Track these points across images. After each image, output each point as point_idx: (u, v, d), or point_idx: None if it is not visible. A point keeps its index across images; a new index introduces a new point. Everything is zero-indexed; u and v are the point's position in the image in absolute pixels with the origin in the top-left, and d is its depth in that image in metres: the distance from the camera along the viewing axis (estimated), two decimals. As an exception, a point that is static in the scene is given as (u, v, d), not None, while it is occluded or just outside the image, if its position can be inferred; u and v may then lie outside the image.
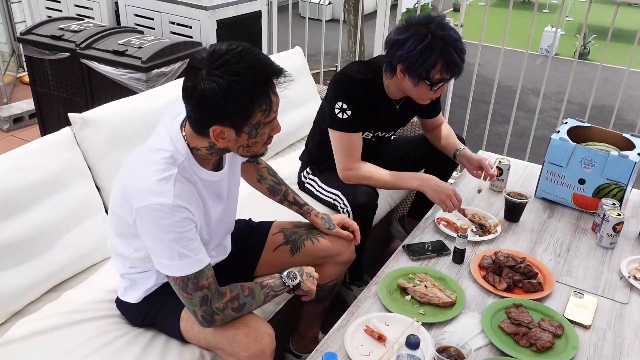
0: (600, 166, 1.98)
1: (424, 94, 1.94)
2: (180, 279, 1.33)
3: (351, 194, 2.03)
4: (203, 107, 1.26)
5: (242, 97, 1.23)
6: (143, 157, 1.38)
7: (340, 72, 2.04)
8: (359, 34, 4.04)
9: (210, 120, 1.28)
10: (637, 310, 1.61)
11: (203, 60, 1.25)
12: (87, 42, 2.97)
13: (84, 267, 1.81)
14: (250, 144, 1.35)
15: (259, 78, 1.25)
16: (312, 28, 3.71)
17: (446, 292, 1.60)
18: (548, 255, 1.84)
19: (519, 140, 4.97)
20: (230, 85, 1.22)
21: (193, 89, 1.25)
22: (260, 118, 1.29)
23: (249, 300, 1.41)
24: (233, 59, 1.23)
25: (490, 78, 3.01)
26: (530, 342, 1.44)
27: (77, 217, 1.78)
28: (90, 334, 1.54)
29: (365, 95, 1.99)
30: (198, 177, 1.40)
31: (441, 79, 1.87)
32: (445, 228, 1.94)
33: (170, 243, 1.30)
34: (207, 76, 1.23)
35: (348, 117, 1.97)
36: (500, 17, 9.36)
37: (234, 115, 1.26)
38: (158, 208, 1.28)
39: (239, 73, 1.23)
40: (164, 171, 1.31)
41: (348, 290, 2.30)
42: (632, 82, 6.58)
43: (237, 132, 1.30)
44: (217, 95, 1.22)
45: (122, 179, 1.40)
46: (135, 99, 2.13)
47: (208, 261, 1.37)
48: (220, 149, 1.38)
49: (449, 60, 1.82)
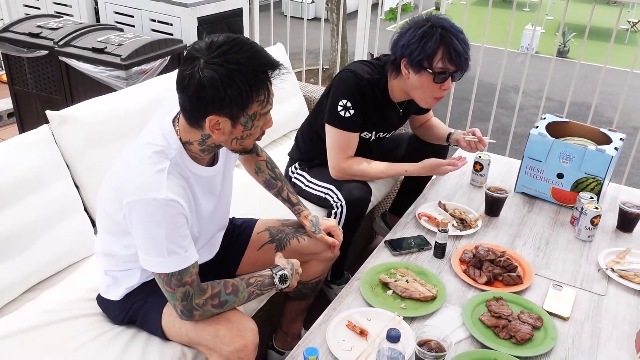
0: (578, 161, 2.01)
1: (428, 89, 1.91)
2: (164, 274, 1.33)
3: (346, 188, 2.03)
4: (201, 96, 1.25)
5: (242, 85, 1.23)
6: (134, 152, 1.37)
7: (348, 69, 2.01)
8: (341, 32, 4.05)
9: (208, 110, 1.27)
10: (614, 301, 1.63)
11: (201, 50, 1.25)
12: (65, 40, 2.93)
13: (63, 266, 1.79)
14: (244, 136, 1.34)
15: (258, 68, 1.25)
16: (294, 26, 3.71)
17: (427, 287, 1.61)
18: (527, 248, 1.86)
19: (501, 137, 5.02)
20: (231, 74, 1.22)
21: (191, 78, 1.24)
22: (257, 109, 1.29)
23: (231, 297, 1.41)
24: (232, 49, 1.24)
25: (472, 76, 3.03)
26: (510, 335, 1.46)
27: (56, 216, 1.76)
28: (70, 332, 1.53)
29: (371, 95, 1.99)
30: (191, 172, 1.39)
31: (444, 69, 1.85)
32: (427, 223, 1.95)
33: (161, 239, 1.29)
34: (206, 65, 1.23)
35: (350, 116, 1.96)
36: (481, 15, 9.46)
37: (232, 104, 1.25)
38: (150, 202, 1.27)
39: (239, 62, 1.23)
40: (156, 164, 1.30)
41: (329, 288, 2.30)
42: (611, 80, 6.69)
43: (233, 123, 1.29)
44: (216, 84, 1.22)
45: (112, 175, 1.38)
46: (115, 97, 2.11)
47: (196, 258, 1.36)
48: (212, 145, 1.37)
49: (450, 46, 1.81)
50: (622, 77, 7.24)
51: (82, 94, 2.90)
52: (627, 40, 10.50)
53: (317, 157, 2.15)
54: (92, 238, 1.82)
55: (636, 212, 1.92)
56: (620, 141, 2.08)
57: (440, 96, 1.95)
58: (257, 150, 1.82)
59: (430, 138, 2.29)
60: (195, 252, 1.37)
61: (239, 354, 1.38)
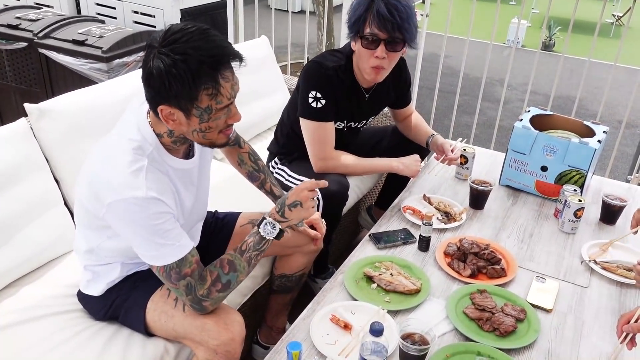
0: (562, 153, 2.01)
1: (364, 58, 1.90)
2: (162, 268, 1.31)
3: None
4: (151, 86, 1.24)
5: (184, 77, 1.19)
6: (110, 147, 1.34)
7: (313, 60, 2.01)
8: (325, 25, 4.02)
9: (157, 100, 1.25)
10: (597, 293, 1.64)
11: (157, 39, 1.23)
12: (45, 32, 2.89)
13: (43, 262, 1.76)
14: (203, 129, 1.30)
15: (205, 60, 1.21)
16: (279, 19, 3.68)
17: (411, 280, 1.61)
18: (511, 241, 1.86)
19: (487, 131, 5.04)
20: (175, 64, 1.19)
21: (145, 66, 1.23)
22: (210, 102, 1.25)
23: (232, 275, 1.38)
24: (183, 38, 1.21)
25: (459, 69, 3.03)
26: (494, 327, 1.46)
27: (35, 211, 1.73)
28: (50, 329, 1.51)
29: (338, 83, 1.98)
30: (169, 166, 1.37)
31: (372, 34, 1.84)
32: (411, 216, 1.94)
33: (148, 235, 1.28)
34: (157, 54, 1.20)
35: (322, 106, 1.95)
36: (467, 8, 9.45)
37: (178, 95, 1.22)
38: (131, 202, 1.25)
39: (185, 52, 1.19)
40: (134, 163, 1.28)
41: (314, 282, 2.29)
42: (597, 73, 6.72)
43: (185, 115, 1.26)
44: (161, 74, 1.20)
45: (89, 172, 1.35)
46: (95, 89, 2.08)
47: (191, 245, 1.35)
48: (181, 137, 1.35)
49: (378, 9, 1.80)
50: (607, 71, 7.29)
51: (62, 87, 2.86)
52: (611, 34, 10.57)
53: (296, 151, 2.13)
54: (72, 233, 1.78)
55: (619, 204, 1.93)
56: (604, 134, 2.08)
57: (375, 65, 1.90)
58: (239, 142, 1.80)
59: (412, 138, 2.29)
60: (189, 240, 1.35)
61: (226, 347, 1.37)
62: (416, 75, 3.37)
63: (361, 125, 2.21)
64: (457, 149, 2.17)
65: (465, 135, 2.58)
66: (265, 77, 2.74)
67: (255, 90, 2.63)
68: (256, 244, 1.41)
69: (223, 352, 1.37)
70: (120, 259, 1.50)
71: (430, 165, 2.31)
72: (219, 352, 1.37)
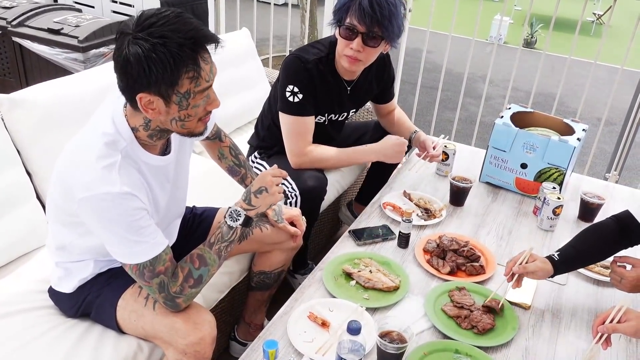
0: (542, 151, 2.01)
1: (340, 45, 1.89)
2: (135, 267, 1.28)
3: (300, 178, 1.99)
4: (128, 74, 1.19)
5: (166, 60, 1.16)
6: (83, 142, 1.30)
7: (292, 53, 1.99)
8: (308, 19, 3.98)
9: (136, 88, 1.20)
10: (574, 291, 1.65)
11: (130, 25, 1.18)
12: (19, 20, 2.81)
13: (13, 257, 1.72)
14: (182, 117, 1.27)
15: (184, 42, 1.17)
16: (262, 11, 3.63)
17: (390, 277, 1.60)
18: (491, 238, 1.86)
19: (469, 127, 5.06)
20: (154, 48, 1.15)
21: (119, 55, 1.18)
22: (190, 86, 1.22)
23: (204, 269, 1.35)
24: (159, 22, 1.17)
25: (441, 64, 3.01)
26: (472, 325, 1.45)
27: (5, 205, 1.68)
28: (20, 326, 1.47)
29: (318, 77, 1.95)
30: (143, 162, 1.33)
31: (351, 25, 1.82)
32: (391, 212, 1.93)
33: (122, 232, 1.25)
34: (132, 40, 1.16)
35: (299, 100, 1.93)
36: (450, 4, 9.48)
37: (159, 80, 1.18)
38: (104, 198, 1.21)
39: (164, 36, 1.16)
40: (106, 158, 1.24)
41: (293, 278, 2.27)
42: (577, 71, 6.79)
43: (165, 102, 1.23)
44: (140, 60, 1.15)
45: (62, 167, 1.31)
46: (70, 80, 2.02)
47: (166, 243, 1.32)
48: (157, 129, 1.31)
49: (361, 2, 1.78)
50: (587, 69, 7.37)
51: (37, 77, 2.79)
52: (592, 32, 10.70)
53: (276, 145, 2.11)
54: (44, 227, 1.74)
55: (597, 202, 1.94)
56: (583, 132, 2.09)
57: (348, 55, 1.88)
58: (220, 136, 1.77)
59: (394, 134, 2.28)
60: (163, 238, 1.32)
61: (196, 347, 1.34)
62: (398, 70, 3.36)
63: (342, 119, 2.19)
64: (439, 145, 2.16)
65: (446, 131, 2.58)
66: (246, 70, 2.70)
67: (236, 83, 2.59)
68: (224, 235, 1.38)
69: (192, 352, 1.34)
70: (93, 256, 1.46)
71: (412, 161, 2.30)
72: (188, 352, 1.35)
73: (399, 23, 1.84)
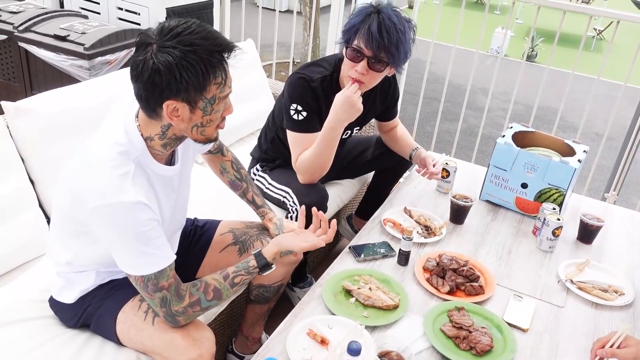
0: (542, 171, 2.03)
1: (346, 65, 1.89)
2: (140, 278, 1.29)
3: (301, 192, 2.00)
4: (156, 82, 1.21)
5: (197, 67, 1.20)
6: (95, 151, 1.31)
7: (297, 72, 1.99)
8: (313, 26, 4.01)
9: (164, 95, 1.22)
10: (572, 313, 1.65)
11: (153, 35, 1.21)
12: (26, 25, 2.82)
13: (14, 265, 1.72)
14: (204, 123, 1.30)
15: (213, 48, 1.22)
16: (266, 18, 3.65)
17: (390, 295, 1.61)
18: (490, 257, 1.87)
19: (468, 139, 5.08)
20: (186, 55, 1.19)
21: (144, 64, 1.20)
22: (215, 92, 1.26)
23: (215, 302, 1.39)
24: (185, 31, 1.21)
25: (442, 76, 3.04)
26: (470, 346, 1.46)
27: (8, 212, 1.69)
28: (20, 335, 1.47)
29: (322, 95, 1.96)
30: (152, 172, 1.35)
31: (358, 48, 1.83)
32: (392, 229, 1.94)
33: (132, 242, 1.26)
34: (160, 49, 1.19)
35: (303, 118, 1.94)
36: (453, 16, 9.51)
37: (189, 86, 1.21)
38: (118, 207, 1.22)
39: (194, 43, 1.20)
40: (120, 167, 1.26)
41: (292, 291, 2.28)
42: (575, 86, 6.82)
43: (191, 108, 1.26)
44: (171, 67, 1.19)
45: (71, 175, 1.32)
46: (76, 88, 2.03)
47: (173, 259, 1.33)
48: (173, 138, 1.33)
49: (370, 26, 1.79)
50: (586, 84, 7.41)
51: (42, 82, 2.80)
52: (592, 47, 10.76)
53: (279, 158, 2.11)
54: (46, 235, 1.74)
55: (597, 224, 1.95)
56: (584, 153, 2.11)
57: (353, 76, 1.86)
58: (222, 150, 1.78)
59: (395, 150, 2.29)
60: (171, 252, 1.33)
61: None
62: (402, 81, 3.38)
63: (346, 137, 2.20)
64: (439, 163, 2.17)
65: (445, 142, 2.59)
66: (250, 81, 2.71)
67: (239, 94, 2.58)
68: (249, 281, 1.46)
69: None
70: (96, 267, 1.47)
71: (412, 177, 2.31)
72: None
73: (405, 49, 1.85)
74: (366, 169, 2.46)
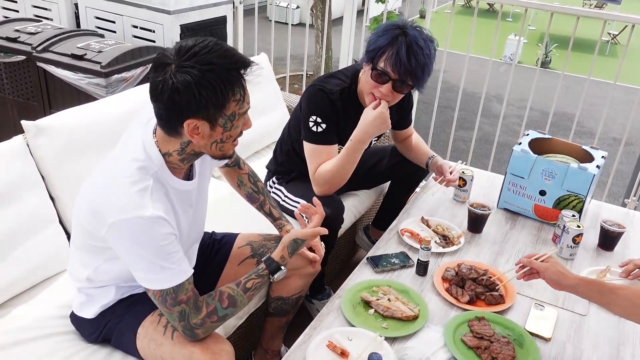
0: (561, 178, 2.01)
1: (368, 84, 1.88)
2: (159, 293, 1.30)
3: None
4: (176, 102, 1.22)
5: (216, 85, 1.21)
6: (113, 167, 1.33)
7: (315, 84, 1.99)
8: (325, 39, 4.03)
9: (185, 114, 1.24)
10: (595, 322, 1.63)
11: (171, 55, 1.23)
12: (44, 45, 2.88)
13: (36, 281, 1.74)
14: (224, 139, 1.32)
15: (231, 66, 1.24)
16: (279, 32, 3.68)
17: (409, 306, 1.60)
18: (510, 266, 1.84)
19: (484, 147, 5.05)
20: (204, 75, 1.20)
21: (164, 84, 1.21)
22: (235, 108, 1.27)
23: (230, 309, 1.39)
24: (202, 51, 1.22)
25: (455, 84, 3.04)
26: (492, 356, 1.44)
27: (29, 229, 1.71)
28: (41, 351, 1.49)
29: (341, 107, 1.96)
30: (170, 187, 1.36)
31: (383, 71, 1.83)
32: (409, 239, 1.93)
33: (150, 257, 1.27)
34: (178, 69, 1.21)
35: (323, 130, 1.94)
36: (465, 24, 9.51)
37: (208, 105, 1.23)
38: (137, 222, 1.24)
39: (211, 62, 1.21)
40: (139, 182, 1.27)
41: (310, 304, 2.27)
42: (591, 91, 6.75)
43: (211, 125, 1.27)
44: (190, 87, 1.20)
45: (90, 192, 1.34)
46: (93, 106, 2.07)
47: (190, 272, 1.34)
48: (191, 153, 1.35)
49: (398, 51, 1.78)
50: (601, 88, 7.33)
51: (60, 101, 2.84)
52: (607, 52, 10.66)
53: (295, 170, 2.12)
54: (66, 252, 1.76)
55: (617, 230, 1.93)
56: (602, 159, 2.08)
57: (377, 96, 1.88)
58: (239, 164, 1.79)
59: (411, 159, 2.28)
60: (189, 266, 1.34)
61: None
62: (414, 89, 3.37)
63: (366, 147, 2.20)
64: (456, 171, 2.16)
65: (461, 150, 2.57)
66: (264, 95, 2.73)
67: (254, 108, 2.58)
68: (261, 285, 1.46)
69: None
70: (116, 282, 1.48)
71: (429, 185, 2.30)
72: None
73: (429, 70, 1.85)
74: (382, 179, 2.45)
